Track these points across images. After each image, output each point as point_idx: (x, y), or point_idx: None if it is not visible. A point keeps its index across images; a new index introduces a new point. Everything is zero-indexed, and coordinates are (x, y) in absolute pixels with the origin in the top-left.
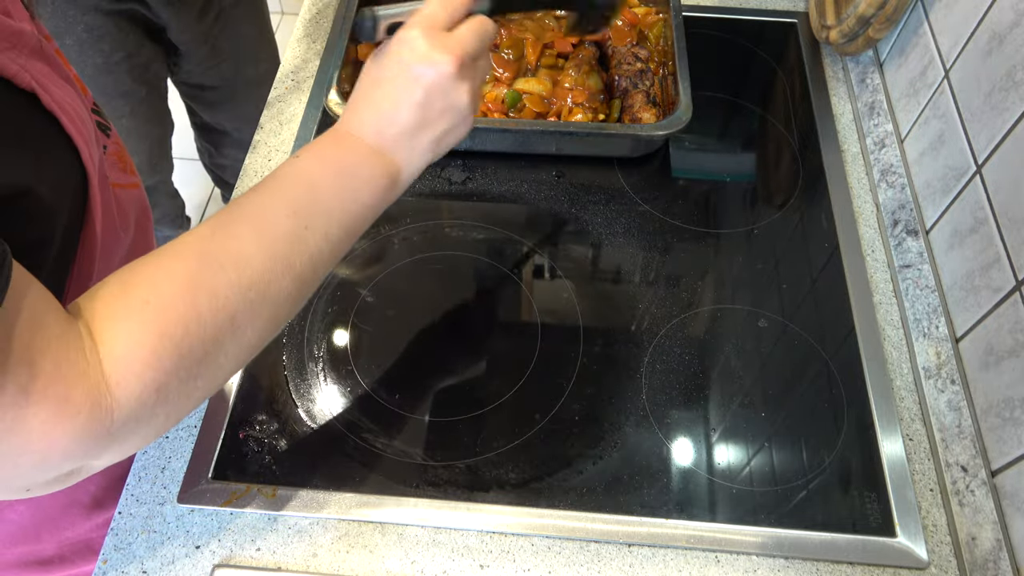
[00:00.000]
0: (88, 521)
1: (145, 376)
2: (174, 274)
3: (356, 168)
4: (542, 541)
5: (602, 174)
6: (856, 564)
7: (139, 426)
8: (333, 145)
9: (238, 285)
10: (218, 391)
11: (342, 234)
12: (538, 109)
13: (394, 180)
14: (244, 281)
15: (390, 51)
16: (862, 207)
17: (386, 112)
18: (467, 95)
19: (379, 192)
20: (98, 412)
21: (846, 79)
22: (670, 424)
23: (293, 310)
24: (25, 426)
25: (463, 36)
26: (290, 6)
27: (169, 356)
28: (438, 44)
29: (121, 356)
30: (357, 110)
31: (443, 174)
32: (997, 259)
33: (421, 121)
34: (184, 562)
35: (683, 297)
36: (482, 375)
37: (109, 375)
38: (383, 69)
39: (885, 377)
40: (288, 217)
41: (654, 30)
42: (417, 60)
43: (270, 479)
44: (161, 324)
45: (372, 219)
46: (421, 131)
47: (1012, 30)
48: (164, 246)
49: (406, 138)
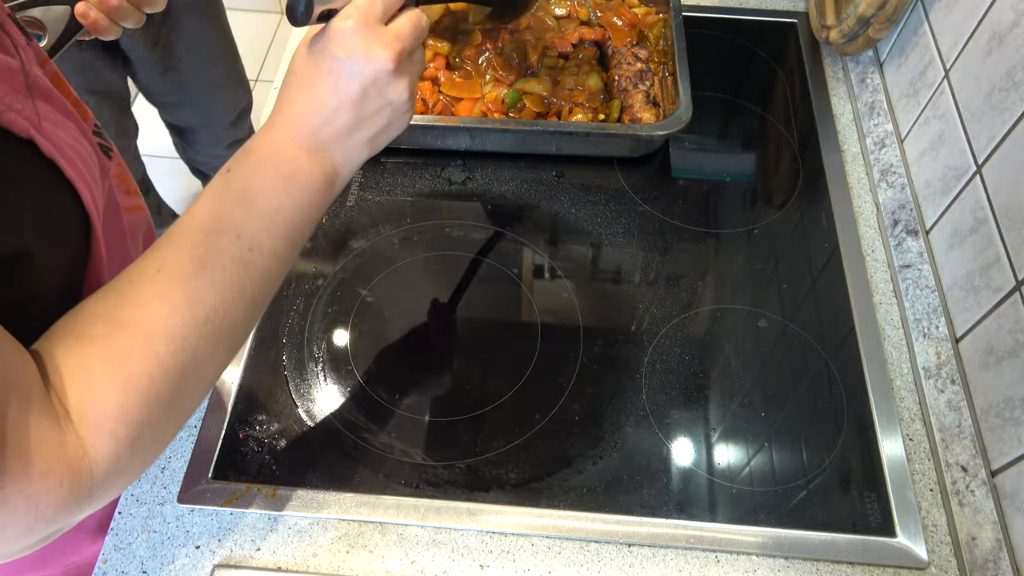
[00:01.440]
0: (94, 545)
1: (118, 433)
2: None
3: (295, 176)
4: (542, 541)
5: (602, 174)
6: (856, 564)
7: (118, 478)
8: (268, 153)
9: (193, 323)
10: (216, 394)
11: (287, 246)
12: (538, 109)
13: (332, 182)
14: (199, 317)
15: (324, 44)
16: (862, 207)
17: (322, 111)
18: (405, 91)
19: (318, 197)
20: (79, 478)
21: (846, 79)
22: (670, 424)
23: (250, 331)
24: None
25: (401, 30)
26: None
27: (138, 408)
28: (375, 39)
29: (92, 418)
30: (291, 108)
31: (443, 174)
32: (997, 259)
33: (358, 119)
34: (184, 562)
35: (683, 297)
36: (482, 375)
37: (84, 439)
38: (317, 63)
39: (885, 377)
40: (232, 243)
41: (654, 30)
42: (353, 55)
43: (270, 479)
44: (124, 378)
45: (316, 223)
46: (358, 129)
47: (1012, 30)
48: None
49: (343, 137)
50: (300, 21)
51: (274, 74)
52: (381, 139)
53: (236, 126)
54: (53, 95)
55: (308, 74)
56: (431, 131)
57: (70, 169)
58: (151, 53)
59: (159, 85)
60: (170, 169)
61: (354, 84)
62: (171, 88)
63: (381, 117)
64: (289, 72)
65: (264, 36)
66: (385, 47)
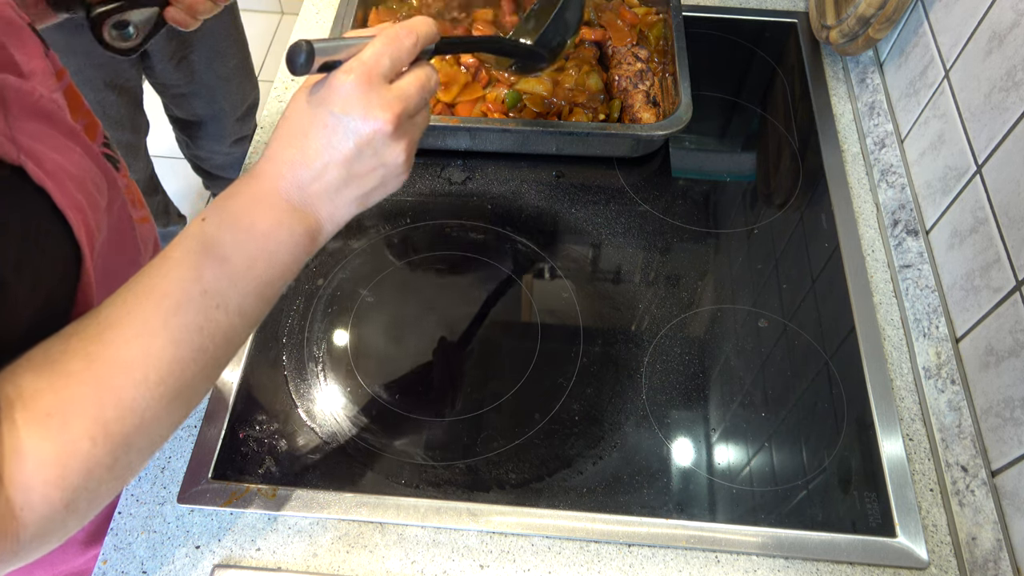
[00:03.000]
0: (83, 556)
1: (52, 497)
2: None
3: (274, 231)
4: (542, 541)
5: (602, 174)
6: (856, 564)
7: (49, 538)
8: (248, 203)
9: (145, 384)
10: (216, 394)
11: (257, 304)
12: (538, 109)
13: (314, 238)
14: (152, 378)
15: (323, 96)
16: (862, 207)
17: (311, 165)
18: (402, 153)
19: (298, 252)
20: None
21: (846, 79)
22: (670, 424)
23: (208, 390)
24: None
25: (405, 90)
26: (290, 6)
27: (77, 472)
28: (376, 98)
29: (25, 480)
30: (280, 157)
31: (443, 174)
32: (997, 259)
33: (348, 177)
34: (184, 562)
35: (683, 297)
36: (482, 375)
37: (13, 500)
38: (313, 115)
39: (885, 377)
40: (197, 298)
41: (654, 30)
42: (351, 113)
43: (270, 479)
44: (65, 439)
45: (292, 277)
46: (348, 187)
47: (1012, 30)
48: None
49: (331, 193)
50: (300, 71)
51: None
52: (373, 197)
53: (242, 121)
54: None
55: (302, 125)
56: (431, 131)
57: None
58: (168, 45)
59: (173, 76)
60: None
61: (348, 142)
62: (184, 79)
63: (374, 177)
64: (283, 119)
65: (264, 36)
66: (385, 108)
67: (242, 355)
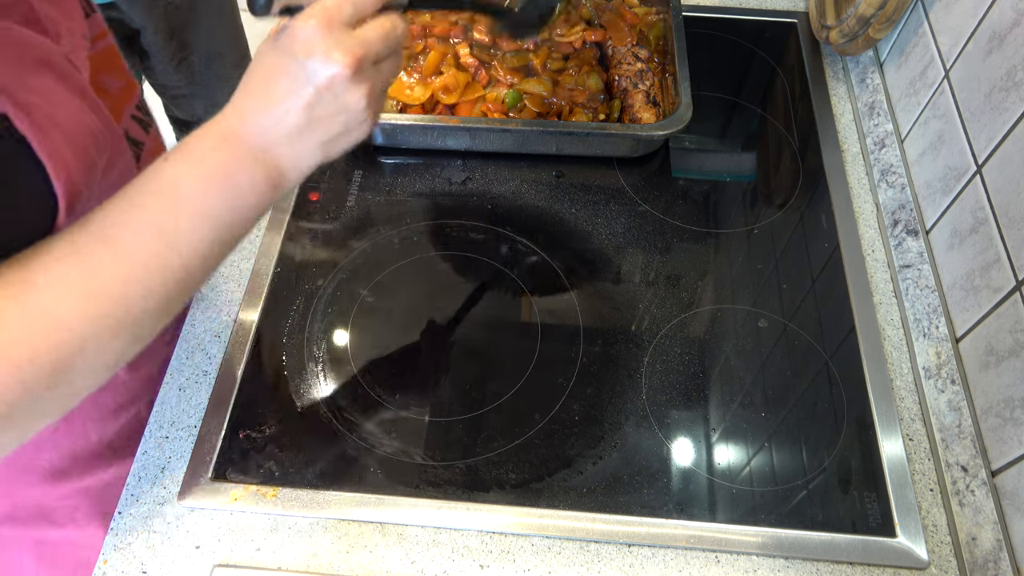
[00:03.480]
0: (43, 487)
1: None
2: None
3: (235, 174)
4: (542, 541)
5: (602, 174)
6: (856, 564)
7: None
8: (211, 147)
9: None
10: (216, 393)
11: (215, 247)
12: (538, 109)
13: (276, 184)
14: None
15: (285, 42)
16: (862, 207)
17: (273, 110)
18: (363, 99)
19: (259, 197)
20: None
21: (846, 79)
22: (670, 424)
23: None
24: None
25: (365, 36)
26: None
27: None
28: (334, 42)
29: None
30: (243, 104)
31: (443, 174)
32: (997, 259)
33: (308, 122)
34: (184, 562)
35: (683, 297)
36: (482, 375)
37: None
38: (275, 61)
39: (885, 377)
40: (151, 239)
41: (654, 30)
42: (311, 57)
43: (270, 479)
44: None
45: (252, 224)
46: (308, 132)
47: (1012, 30)
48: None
49: (291, 139)
50: (260, 12)
51: None
52: (337, 145)
53: None
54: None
55: (265, 73)
56: (431, 131)
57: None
58: (168, 46)
59: (172, 77)
60: None
61: (308, 87)
62: (184, 80)
63: (336, 123)
64: (248, 70)
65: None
66: (346, 53)
67: (242, 355)
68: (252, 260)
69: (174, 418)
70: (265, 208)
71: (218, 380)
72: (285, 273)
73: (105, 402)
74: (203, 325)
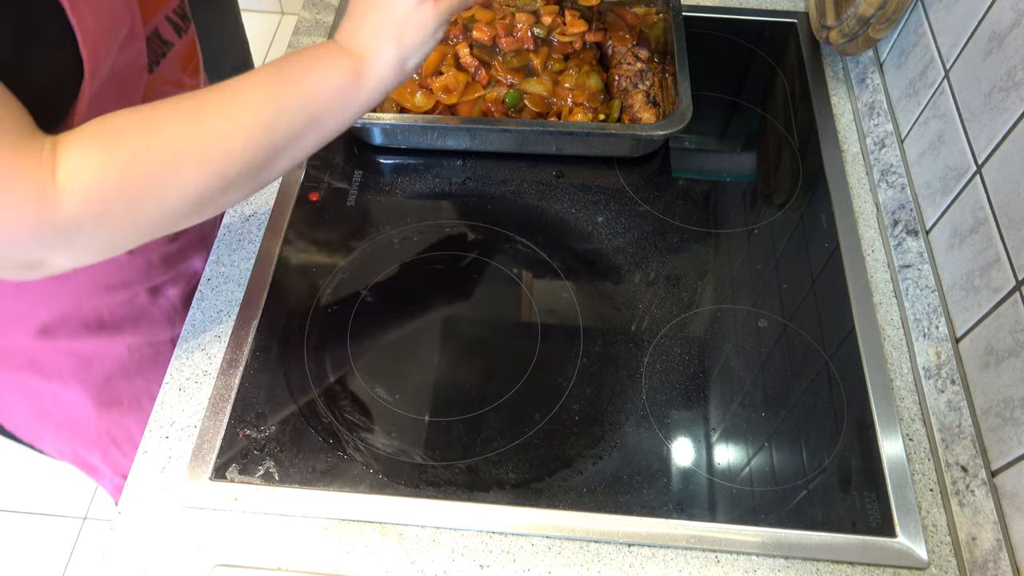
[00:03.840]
0: (34, 341)
1: (90, 186)
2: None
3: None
4: (542, 541)
5: (602, 174)
6: (856, 564)
7: (84, 233)
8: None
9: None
10: (216, 394)
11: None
12: (538, 109)
13: (358, 69)
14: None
15: None
16: (862, 207)
17: (355, 15)
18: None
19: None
20: (42, 206)
21: (846, 79)
22: (670, 424)
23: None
24: None
25: None
26: (290, 6)
27: (113, 175)
28: None
29: (71, 166)
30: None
31: (443, 174)
32: (997, 259)
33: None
34: (184, 562)
35: (683, 297)
36: (482, 375)
37: (58, 178)
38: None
39: (885, 377)
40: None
41: (654, 30)
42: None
43: (270, 479)
44: (112, 148)
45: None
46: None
47: (1012, 30)
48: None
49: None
50: None
51: None
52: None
53: None
54: None
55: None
56: (431, 131)
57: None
58: None
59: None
60: None
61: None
62: None
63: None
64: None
65: (264, 36)
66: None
67: (242, 355)
68: (252, 260)
69: (174, 418)
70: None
71: (218, 380)
72: (285, 273)
73: (100, 277)
74: (203, 325)
